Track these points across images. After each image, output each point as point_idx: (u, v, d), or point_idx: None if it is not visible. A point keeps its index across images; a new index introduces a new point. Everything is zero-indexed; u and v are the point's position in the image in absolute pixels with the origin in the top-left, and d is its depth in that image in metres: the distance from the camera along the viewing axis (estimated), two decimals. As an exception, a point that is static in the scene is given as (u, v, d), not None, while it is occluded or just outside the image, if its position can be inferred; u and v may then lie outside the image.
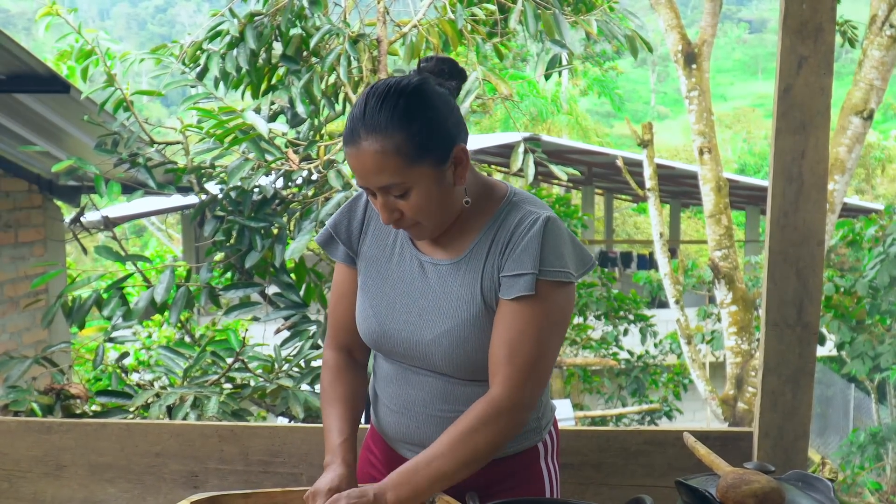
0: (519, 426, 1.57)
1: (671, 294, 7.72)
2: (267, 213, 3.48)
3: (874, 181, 26.68)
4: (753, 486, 1.30)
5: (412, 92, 1.52)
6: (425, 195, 1.53)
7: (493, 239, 1.60)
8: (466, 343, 1.59)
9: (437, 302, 1.62)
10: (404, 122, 1.49)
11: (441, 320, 1.61)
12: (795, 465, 1.95)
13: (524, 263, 1.55)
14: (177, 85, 3.64)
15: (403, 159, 1.49)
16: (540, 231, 1.56)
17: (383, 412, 1.75)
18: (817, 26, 1.85)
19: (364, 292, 1.71)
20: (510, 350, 1.55)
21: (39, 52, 7.95)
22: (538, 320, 1.56)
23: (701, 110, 6.86)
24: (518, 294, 1.55)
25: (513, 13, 3.74)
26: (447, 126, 1.54)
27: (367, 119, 1.49)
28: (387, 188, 1.52)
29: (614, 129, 34.60)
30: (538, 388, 1.59)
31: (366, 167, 1.50)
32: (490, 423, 1.53)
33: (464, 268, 1.62)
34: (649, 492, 2.05)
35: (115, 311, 3.35)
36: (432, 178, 1.52)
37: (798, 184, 1.89)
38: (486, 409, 1.54)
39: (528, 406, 1.57)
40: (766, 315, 1.94)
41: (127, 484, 2.25)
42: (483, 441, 1.53)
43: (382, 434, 1.78)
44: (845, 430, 11.51)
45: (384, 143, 1.48)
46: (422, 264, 1.66)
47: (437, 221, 1.58)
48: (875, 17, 5.90)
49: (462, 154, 1.56)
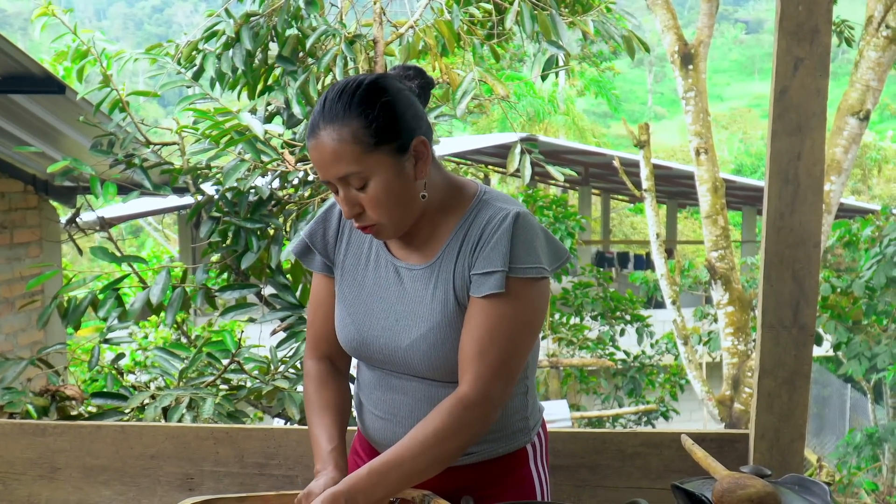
0: (487, 424, 1.56)
1: (668, 295, 7.72)
2: (263, 215, 3.47)
3: (870, 182, 26.72)
4: (749, 491, 1.30)
5: (370, 83, 1.53)
6: (384, 186, 1.52)
7: (464, 238, 1.60)
8: (444, 345, 1.58)
9: (413, 307, 1.62)
10: (361, 109, 1.50)
11: (417, 324, 1.60)
12: (792, 467, 1.95)
13: (493, 261, 1.54)
14: (173, 85, 3.63)
15: (361, 146, 1.49)
16: (510, 227, 1.55)
17: (369, 419, 1.74)
18: (813, 28, 1.85)
19: (342, 301, 1.71)
20: (480, 348, 1.54)
21: (36, 52, 7.94)
22: (509, 318, 1.55)
23: (698, 111, 6.87)
24: (488, 292, 1.54)
25: (509, 14, 3.74)
26: (405, 117, 1.54)
27: (326, 111, 1.51)
28: (346, 178, 1.52)
29: (611, 129, 34.63)
30: (508, 387, 1.58)
31: (324, 157, 1.51)
32: (459, 421, 1.52)
33: (436, 270, 1.61)
34: (645, 494, 2.05)
35: (110, 313, 3.35)
36: (391, 167, 1.52)
37: (794, 186, 1.89)
38: (455, 406, 1.53)
39: (497, 404, 1.56)
40: (763, 317, 1.94)
41: (122, 486, 2.25)
42: (454, 440, 1.52)
43: (370, 440, 1.77)
44: (842, 430, 11.52)
45: (341, 131, 1.49)
46: (397, 270, 1.65)
47: (397, 217, 1.56)
48: (871, 17, 5.91)
49: (422, 147, 1.55)
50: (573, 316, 9.72)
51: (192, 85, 3.59)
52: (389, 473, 1.50)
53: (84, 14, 52.59)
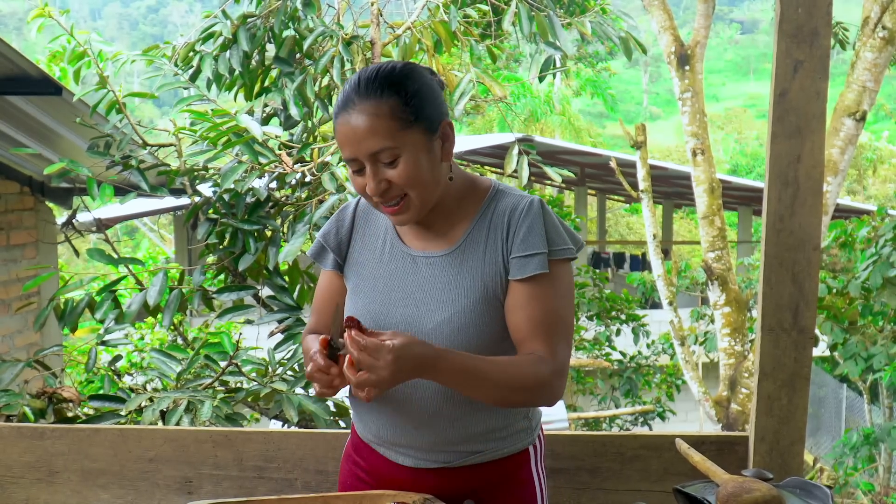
0: (555, 391, 1.58)
1: (664, 295, 7.72)
2: (260, 216, 3.47)
3: (866, 182, 26.77)
4: (755, 495, 1.30)
5: (404, 66, 1.61)
6: (414, 163, 1.56)
7: (489, 224, 1.65)
8: (468, 330, 1.61)
9: (434, 293, 1.64)
10: (397, 88, 1.56)
11: (440, 309, 1.62)
12: (791, 469, 1.94)
13: (534, 243, 1.61)
14: (169, 87, 3.63)
15: (397, 123, 1.54)
16: (539, 212, 1.63)
17: (373, 418, 1.72)
18: (813, 31, 1.85)
19: (357, 294, 1.72)
20: (533, 325, 1.59)
21: (32, 53, 7.92)
22: (556, 296, 1.61)
23: (694, 112, 6.87)
24: (533, 273, 1.60)
25: (506, 15, 3.74)
26: (437, 99, 1.62)
27: (362, 87, 1.56)
28: (377, 154, 1.55)
29: (607, 129, 34.67)
30: (568, 355, 1.63)
31: (358, 132, 1.54)
32: (537, 370, 1.55)
33: (460, 257, 1.65)
34: (645, 497, 2.05)
35: (107, 314, 3.34)
36: (422, 145, 1.57)
37: (794, 188, 1.89)
38: (535, 359, 1.56)
39: (565, 372, 1.60)
40: (762, 319, 1.94)
41: (120, 490, 2.24)
42: (532, 374, 1.54)
43: (372, 442, 1.75)
44: (838, 430, 11.54)
45: (379, 107, 1.54)
46: (414, 259, 1.68)
47: (424, 195, 1.60)
48: (867, 19, 5.91)
49: (449, 129, 1.63)
50: (569, 316, 9.69)
51: (189, 86, 3.59)
52: (457, 364, 1.49)
53: (79, 14, 52.49)
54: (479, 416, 1.65)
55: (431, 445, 1.66)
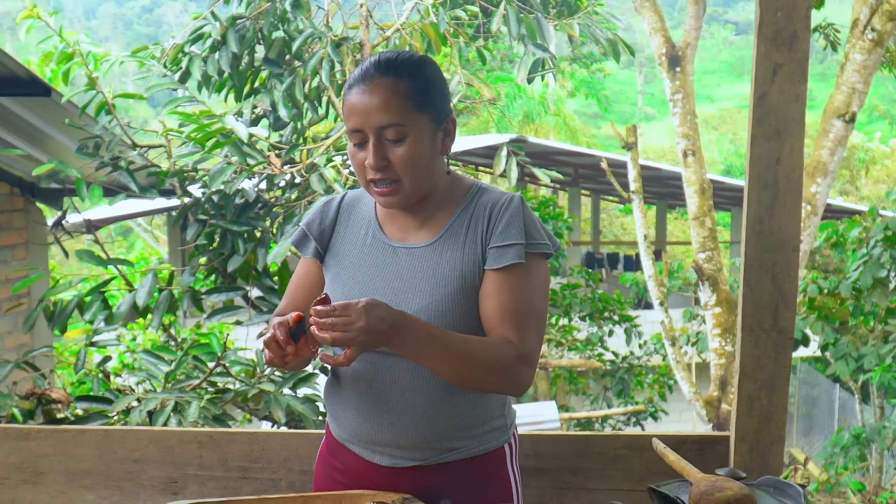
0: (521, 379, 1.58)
1: (655, 296, 7.74)
2: (249, 217, 3.48)
3: (858, 183, 26.83)
4: (726, 493, 1.31)
5: (421, 55, 1.69)
6: (418, 146, 1.61)
7: (471, 217, 1.69)
8: (444, 318, 1.63)
9: (412, 282, 1.67)
10: (416, 71, 1.62)
11: (418, 297, 1.65)
12: (771, 469, 1.96)
13: (512, 235, 1.64)
14: (159, 88, 3.63)
15: (411, 103, 1.60)
16: (519, 207, 1.67)
17: (350, 416, 1.72)
18: (792, 34, 1.86)
19: (335, 282, 1.75)
20: (504, 312, 1.62)
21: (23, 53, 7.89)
22: (527, 286, 1.64)
23: (685, 113, 6.89)
24: (508, 262, 1.63)
25: (495, 16, 3.76)
26: (446, 94, 1.69)
27: (383, 63, 1.61)
28: (385, 129, 1.59)
29: (601, 130, 34.66)
30: (538, 346, 1.64)
31: (372, 104, 1.58)
32: (504, 353, 1.57)
33: (440, 248, 1.68)
34: (626, 497, 2.07)
35: (97, 315, 3.35)
36: (428, 132, 1.62)
37: (773, 190, 1.90)
38: (504, 342, 1.58)
39: (533, 361, 1.61)
40: (743, 320, 1.95)
41: (105, 490, 2.25)
42: (496, 355, 1.56)
43: (347, 441, 1.75)
44: (830, 429, 11.57)
45: (398, 84, 1.59)
46: (395, 250, 1.71)
47: (418, 181, 1.63)
48: (857, 20, 5.94)
49: (451, 125, 1.68)
50: (562, 317, 9.73)
51: (178, 87, 3.59)
52: (423, 327, 1.51)
53: (73, 14, 52.37)
54: (454, 412, 1.66)
55: (407, 443, 1.66)
